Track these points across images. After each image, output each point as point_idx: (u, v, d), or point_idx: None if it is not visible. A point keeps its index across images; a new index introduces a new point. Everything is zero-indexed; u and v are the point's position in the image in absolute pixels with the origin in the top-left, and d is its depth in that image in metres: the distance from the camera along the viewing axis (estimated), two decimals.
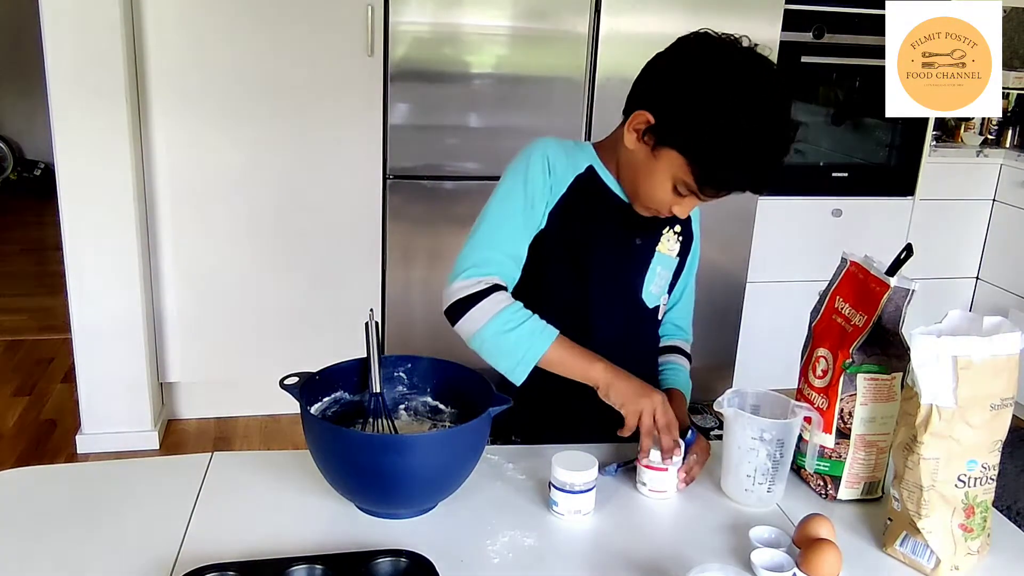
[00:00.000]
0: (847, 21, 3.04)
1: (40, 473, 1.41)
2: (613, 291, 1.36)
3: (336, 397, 1.22)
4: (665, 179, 1.22)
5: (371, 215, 2.84)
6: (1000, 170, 3.47)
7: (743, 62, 1.18)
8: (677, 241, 1.42)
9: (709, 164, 1.18)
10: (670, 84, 1.21)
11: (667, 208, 1.26)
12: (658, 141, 1.21)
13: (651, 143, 1.22)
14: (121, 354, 2.69)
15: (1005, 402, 1.06)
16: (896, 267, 1.18)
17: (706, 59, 1.19)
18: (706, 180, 1.19)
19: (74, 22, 2.41)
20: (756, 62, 1.19)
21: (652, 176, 1.24)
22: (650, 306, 1.40)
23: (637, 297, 1.39)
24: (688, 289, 1.52)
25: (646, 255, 1.38)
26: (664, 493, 1.20)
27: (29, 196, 5.81)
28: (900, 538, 1.09)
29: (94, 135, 2.50)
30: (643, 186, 1.27)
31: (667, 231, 1.40)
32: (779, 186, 2.35)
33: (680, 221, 1.39)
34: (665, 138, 1.20)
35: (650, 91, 1.23)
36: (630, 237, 1.37)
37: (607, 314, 1.36)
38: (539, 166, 1.30)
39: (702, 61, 1.19)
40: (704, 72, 1.18)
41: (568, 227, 1.32)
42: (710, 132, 1.15)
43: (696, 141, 1.17)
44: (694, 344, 1.54)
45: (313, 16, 2.65)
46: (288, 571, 0.95)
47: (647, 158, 1.24)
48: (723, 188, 1.21)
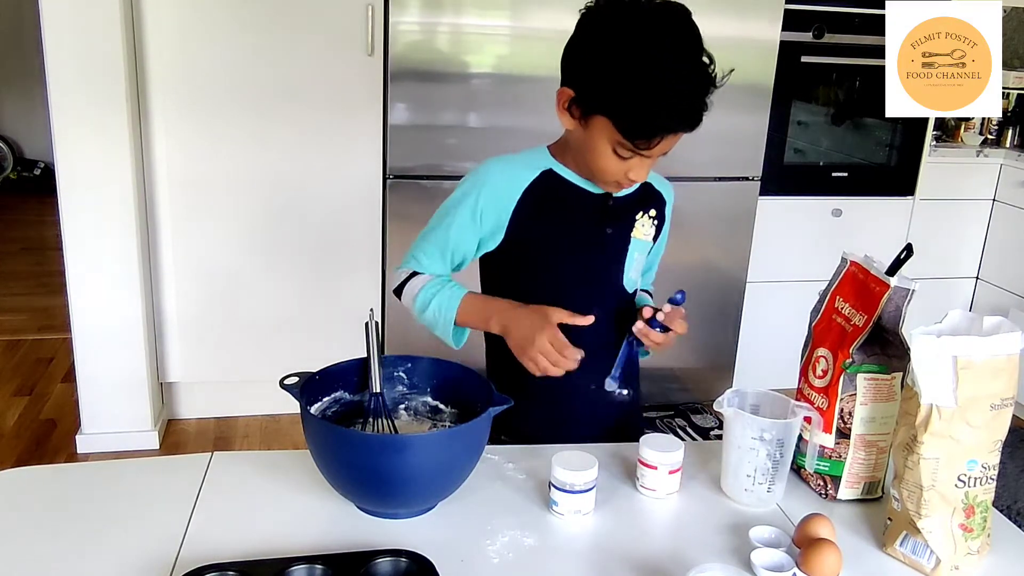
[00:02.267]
0: (847, 21, 3.04)
1: (40, 473, 1.41)
2: (593, 283, 1.38)
3: (336, 397, 1.22)
4: (604, 147, 1.24)
5: (371, 215, 2.84)
6: (1000, 170, 3.47)
7: (640, 11, 1.19)
8: (652, 225, 1.43)
9: (628, 115, 1.19)
10: (579, 52, 1.24)
11: (623, 176, 1.27)
12: (584, 111, 1.24)
13: (579, 116, 1.25)
14: (121, 354, 2.69)
15: (1005, 402, 1.05)
16: (896, 267, 1.18)
17: (605, 17, 1.21)
18: (633, 132, 1.20)
19: (74, 22, 2.41)
20: (654, 8, 1.20)
21: (593, 148, 1.25)
22: (630, 291, 1.43)
23: (619, 285, 1.41)
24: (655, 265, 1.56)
25: (621, 243, 1.39)
26: (655, 492, 1.20)
27: (29, 196, 5.81)
28: (900, 538, 1.09)
29: (94, 135, 2.50)
30: (591, 162, 1.28)
31: (641, 216, 1.41)
32: (782, 189, 2.30)
33: (653, 204, 1.42)
34: (588, 106, 1.23)
35: (567, 66, 1.26)
36: (601, 227, 1.38)
37: (599, 301, 1.37)
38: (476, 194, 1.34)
39: (602, 21, 1.21)
40: (604, 29, 1.20)
41: (532, 234, 1.34)
42: (619, 82, 1.17)
43: (610, 96, 1.19)
44: (694, 344, 1.56)
45: (313, 16, 2.65)
46: (288, 571, 0.95)
47: (583, 133, 1.26)
48: (652, 135, 1.20)
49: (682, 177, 2.94)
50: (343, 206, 2.83)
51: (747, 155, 3.01)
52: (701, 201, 3.01)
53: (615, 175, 1.28)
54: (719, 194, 3.02)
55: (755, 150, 3.00)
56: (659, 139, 1.21)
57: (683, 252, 3.05)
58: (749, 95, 2.92)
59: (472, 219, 1.35)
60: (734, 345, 3.21)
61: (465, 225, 1.35)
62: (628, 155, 1.23)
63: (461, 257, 1.39)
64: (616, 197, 1.37)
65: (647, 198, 1.42)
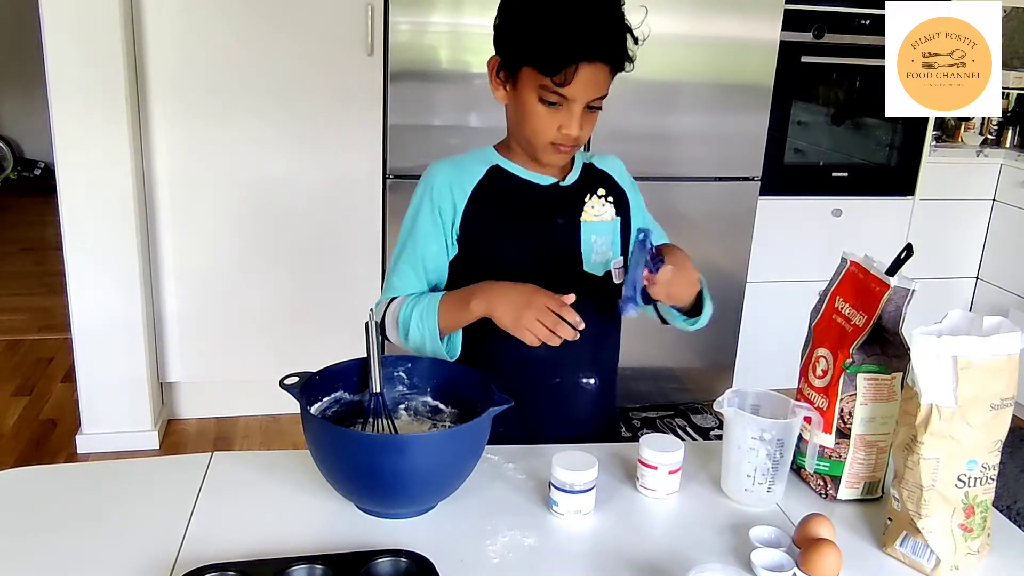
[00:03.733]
0: (847, 21, 3.04)
1: (40, 473, 1.41)
2: (551, 274, 1.33)
3: (336, 397, 1.22)
4: (531, 100, 1.25)
5: (371, 215, 2.84)
6: (1000, 170, 3.47)
7: None
8: (605, 204, 1.40)
9: (540, 49, 1.21)
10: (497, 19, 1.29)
11: (555, 132, 1.26)
12: (509, 71, 1.27)
13: (507, 80, 1.28)
14: (121, 354, 2.69)
15: (1005, 402, 1.05)
16: (896, 267, 1.17)
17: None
18: (550, 67, 1.21)
19: (74, 22, 2.41)
20: None
21: (524, 108, 1.27)
22: (600, 274, 1.38)
23: (580, 273, 1.38)
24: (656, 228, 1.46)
25: (572, 230, 1.38)
26: (655, 492, 1.20)
27: (29, 196, 5.81)
28: (900, 538, 1.09)
29: (94, 135, 2.50)
30: (525, 127, 1.29)
31: (589, 199, 1.39)
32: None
33: (601, 184, 1.41)
34: (510, 62, 1.26)
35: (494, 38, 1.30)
36: (549, 218, 1.37)
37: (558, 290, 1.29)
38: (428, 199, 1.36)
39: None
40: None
41: (484, 232, 1.35)
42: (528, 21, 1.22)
43: (523, 38, 1.23)
44: (694, 344, 1.55)
45: (313, 16, 2.65)
46: (288, 571, 0.95)
47: (514, 98, 1.28)
48: (564, 62, 1.20)
49: (682, 177, 2.98)
50: (343, 206, 2.83)
51: (747, 155, 3.01)
52: (701, 201, 3.01)
53: (548, 133, 1.27)
54: (719, 194, 3.02)
55: (755, 150, 3.00)
56: (573, 70, 1.20)
57: None
58: (749, 95, 2.92)
59: (434, 224, 1.35)
60: (734, 345, 3.21)
61: (429, 233, 1.35)
62: (554, 100, 1.24)
63: (435, 268, 1.37)
64: (561, 186, 1.37)
65: (592, 180, 1.41)
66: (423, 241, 1.36)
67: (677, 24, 2.78)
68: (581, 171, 1.40)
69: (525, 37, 1.23)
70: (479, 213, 1.35)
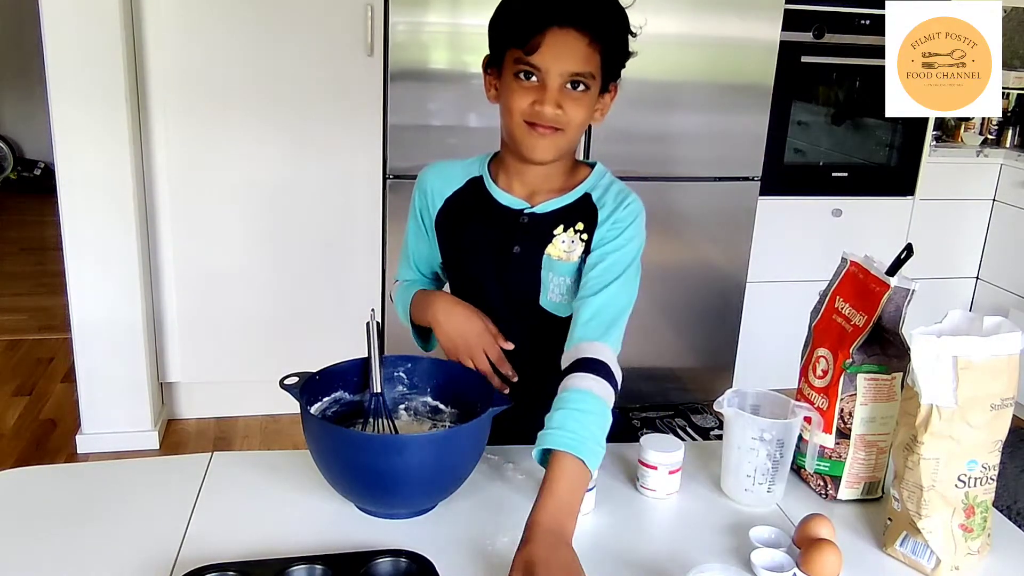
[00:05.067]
0: (847, 21, 3.04)
1: (40, 473, 1.41)
2: (508, 300, 1.31)
3: (336, 397, 1.22)
4: (509, 80, 1.20)
5: (371, 215, 2.84)
6: (1000, 170, 3.47)
7: None
8: (577, 242, 1.26)
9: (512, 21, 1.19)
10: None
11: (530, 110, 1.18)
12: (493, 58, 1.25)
13: (495, 74, 1.25)
14: (121, 354, 2.69)
15: (1005, 402, 1.05)
16: (896, 267, 1.17)
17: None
18: (519, 36, 1.16)
19: (74, 22, 2.41)
20: None
21: (505, 89, 1.21)
22: (559, 315, 1.27)
23: (536, 306, 1.29)
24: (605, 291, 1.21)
25: (531, 262, 1.27)
26: (655, 492, 1.20)
27: (29, 196, 5.81)
28: (900, 538, 1.09)
29: (94, 135, 2.50)
30: (505, 114, 1.23)
31: (560, 232, 1.26)
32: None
33: (585, 217, 1.26)
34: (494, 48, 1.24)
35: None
36: (508, 246, 1.28)
37: (507, 324, 1.30)
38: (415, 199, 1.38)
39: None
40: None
41: (452, 243, 1.35)
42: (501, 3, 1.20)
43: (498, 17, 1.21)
44: (694, 344, 1.53)
45: (313, 16, 2.65)
46: (288, 571, 0.95)
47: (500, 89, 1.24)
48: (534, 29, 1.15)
49: (682, 177, 2.98)
50: (343, 206, 2.83)
51: (747, 155, 3.00)
52: (701, 201, 3.01)
53: (524, 111, 1.18)
54: (719, 194, 3.02)
55: (755, 150, 3.00)
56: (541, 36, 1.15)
57: (683, 252, 3.06)
58: (749, 95, 2.92)
59: (418, 226, 1.38)
60: (734, 345, 3.21)
61: (416, 232, 1.39)
62: (527, 70, 1.17)
63: (426, 264, 1.41)
64: (531, 213, 1.28)
65: (576, 212, 1.27)
66: (412, 239, 1.41)
67: (677, 24, 2.78)
68: (569, 200, 1.28)
69: (500, 14, 1.21)
70: (451, 223, 1.34)
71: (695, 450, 1.30)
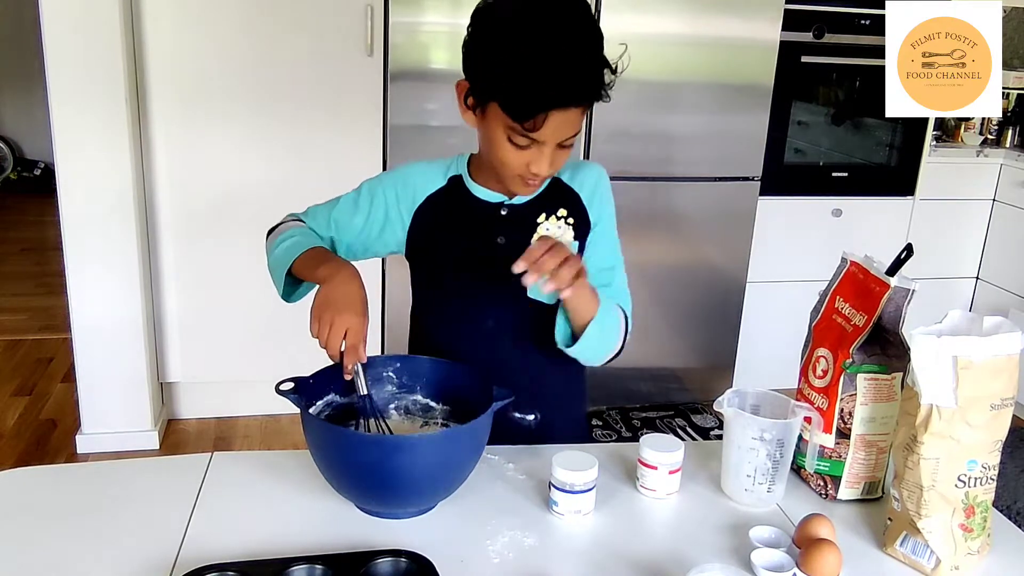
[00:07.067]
0: (847, 21, 3.05)
1: (40, 473, 1.41)
2: (493, 295, 1.31)
3: (328, 400, 1.22)
4: (500, 136, 1.19)
5: None
6: (1000, 170, 3.47)
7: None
8: (564, 226, 1.30)
9: (509, 94, 1.15)
10: (469, 40, 1.24)
11: (524, 169, 1.20)
12: (477, 101, 1.22)
13: (475, 107, 1.23)
14: (121, 354, 2.69)
15: (1005, 402, 1.06)
16: (896, 267, 1.17)
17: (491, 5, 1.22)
18: (516, 111, 1.14)
19: (74, 22, 2.41)
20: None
21: (492, 139, 1.21)
22: (548, 302, 1.29)
23: (522, 298, 1.27)
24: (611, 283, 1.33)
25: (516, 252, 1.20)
26: (655, 492, 1.20)
27: (29, 196, 5.81)
28: (900, 538, 1.09)
29: (94, 135, 2.50)
30: (492, 156, 1.23)
31: (544, 220, 1.30)
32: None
33: (563, 204, 1.31)
34: (478, 94, 1.21)
35: (463, 59, 1.25)
36: (491, 237, 1.31)
37: (495, 315, 1.33)
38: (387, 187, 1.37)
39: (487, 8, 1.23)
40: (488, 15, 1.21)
41: (430, 242, 1.35)
42: (498, 62, 1.16)
43: (493, 78, 1.17)
44: (694, 343, 1.53)
45: (313, 16, 2.65)
46: (288, 571, 0.95)
47: (483, 126, 1.23)
48: (533, 111, 1.13)
49: (682, 177, 2.98)
50: None
51: (747, 155, 3.01)
52: (701, 201, 3.01)
53: (517, 168, 1.21)
54: (719, 194, 3.02)
55: (755, 150, 3.00)
56: (543, 117, 1.14)
57: (683, 252, 3.06)
58: (749, 95, 2.92)
59: (362, 201, 1.36)
60: (734, 345, 3.21)
61: (359, 208, 1.37)
62: (524, 143, 1.18)
63: (343, 235, 1.38)
64: (510, 204, 1.31)
65: (554, 199, 1.32)
66: (349, 208, 1.38)
67: (677, 24, 2.78)
68: (544, 188, 1.30)
69: (496, 79, 1.16)
70: (429, 222, 1.34)
71: (695, 450, 1.30)
